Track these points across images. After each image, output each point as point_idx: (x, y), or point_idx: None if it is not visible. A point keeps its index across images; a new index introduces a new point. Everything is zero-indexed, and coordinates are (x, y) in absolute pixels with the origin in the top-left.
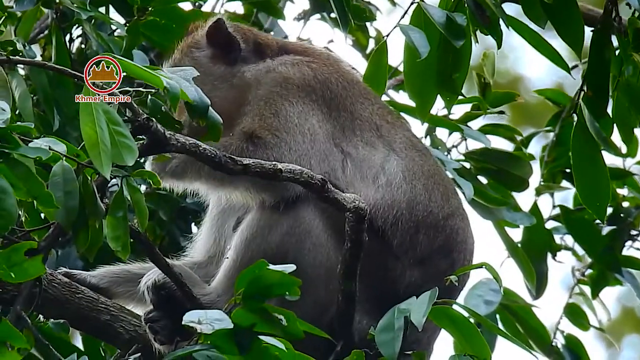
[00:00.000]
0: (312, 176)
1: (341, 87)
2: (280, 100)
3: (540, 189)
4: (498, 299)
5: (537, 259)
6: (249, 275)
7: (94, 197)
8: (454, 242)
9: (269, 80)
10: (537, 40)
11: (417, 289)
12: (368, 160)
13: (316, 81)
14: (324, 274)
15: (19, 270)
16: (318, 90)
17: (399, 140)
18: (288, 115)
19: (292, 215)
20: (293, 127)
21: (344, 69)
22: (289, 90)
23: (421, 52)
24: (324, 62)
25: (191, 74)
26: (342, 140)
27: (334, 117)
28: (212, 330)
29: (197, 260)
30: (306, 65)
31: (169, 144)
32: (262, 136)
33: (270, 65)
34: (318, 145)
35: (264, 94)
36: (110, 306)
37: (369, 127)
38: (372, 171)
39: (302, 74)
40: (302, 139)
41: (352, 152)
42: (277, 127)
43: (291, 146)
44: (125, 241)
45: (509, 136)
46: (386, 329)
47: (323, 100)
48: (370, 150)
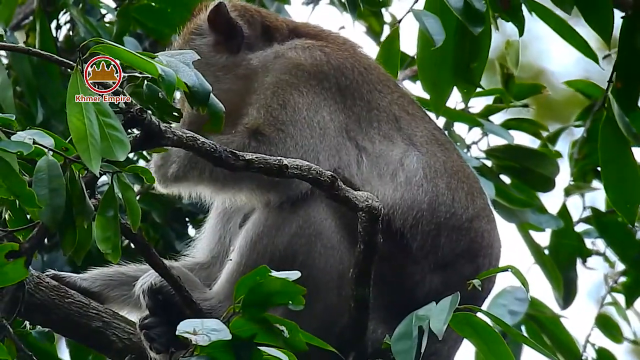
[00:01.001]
0: (321, 172)
1: (357, 73)
2: (289, 90)
3: (569, 189)
4: (524, 308)
5: (566, 266)
6: (249, 282)
7: (82, 195)
8: (479, 246)
9: (277, 67)
10: (563, 28)
11: (438, 296)
12: (385, 156)
13: (329, 66)
14: (335, 278)
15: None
16: (331, 76)
17: (420, 134)
18: (297, 106)
19: (301, 214)
20: (301, 119)
21: (360, 54)
22: (299, 78)
23: (436, 39)
24: (339, 47)
25: (191, 57)
26: (358, 133)
27: (348, 107)
28: (209, 341)
29: (199, 261)
30: (319, 49)
31: (164, 137)
32: (266, 133)
33: (279, 50)
34: (328, 139)
35: (272, 81)
36: (103, 312)
37: (387, 119)
38: (390, 168)
39: (314, 59)
40: (310, 133)
41: (368, 147)
42: (283, 120)
43: (297, 141)
44: (116, 243)
45: (533, 132)
46: (403, 337)
47: (337, 87)
48: (388, 144)
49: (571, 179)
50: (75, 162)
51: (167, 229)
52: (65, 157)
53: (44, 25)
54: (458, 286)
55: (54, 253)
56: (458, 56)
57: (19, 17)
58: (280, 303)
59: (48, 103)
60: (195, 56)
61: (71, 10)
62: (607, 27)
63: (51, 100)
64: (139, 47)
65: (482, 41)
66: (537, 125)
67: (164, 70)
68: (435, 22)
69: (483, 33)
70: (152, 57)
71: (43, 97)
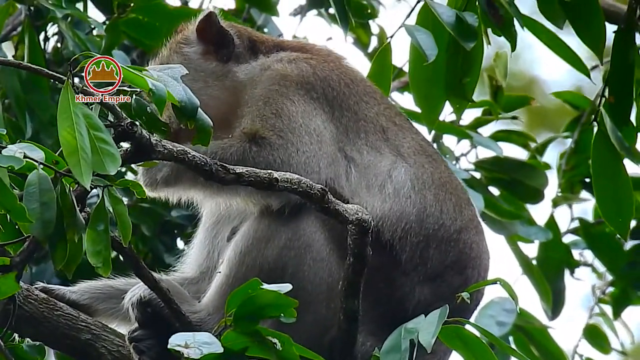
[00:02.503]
0: (311, 186)
1: (343, 84)
2: (280, 99)
3: (557, 200)
4: (511, 319)
5: (554, 277)
6: (241, 295)
7: (72, 209)
8: (468, 257)
9: (265, 79)
10: (554, 42)
11: (427, 308)
12: (374, 167)
13: (316, 78)
14: (325, 291)
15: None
16: (318, 87)
17: (407, 145)
18: (291, 114)
19: (291, 227)
20: (298, 127)
21: (346, 66)
22: (288, 87)
23: (428, 54)
24: (324, 59)
25: (179, 72)
26: (346, 143)
27: (336, 118)
28: (200, 355)
29: (187, 276)
30: (304, 61)
31: (155, 150)
32: (266, 136)
33: (265, 62)
34: (325, 147)
35: (262, 93)
36: (92, 324)
37: (375, 130)
38: (379, 179)
39: (300, 70)
40: (309, 139)
41: (357, 158)
42: (280, 127)
43: (298, 147)
44: (106, 256)
45: (522, 143)
46: (392, 350)
47: (325, 98)
48: (376, 155)
49: (559, 190)
50: (66, 176)
51: (156, 242)
52: (56, 171)
53: (32, 38)
54: (447, 298)
55: (43, 264)
56: (450, 71)
57: (7, 29)
58: (272, 316)
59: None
60: (184, 70)
61: (59, 23)
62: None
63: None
64: (127, 60)
65: (474, 56)
66: (525, 136)
67: (154, 85)
68: (427, 38)
69: (475, 48)
70: (141, 71)
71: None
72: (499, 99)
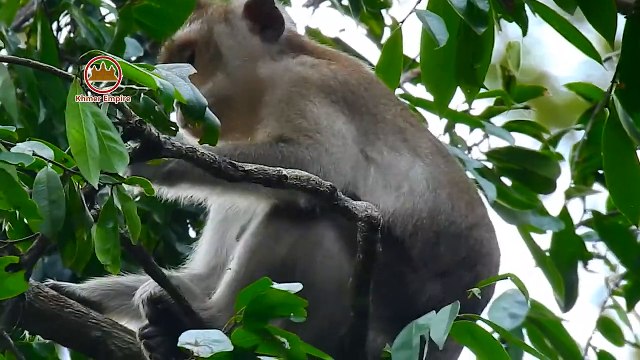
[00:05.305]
0: (320, 183)
1: (363, 88)
2: (302, 101)
3: (570, 192)
4: (524, 312)
5: (567, 269)
6: (250, 294)
7: (81, 207)
8: (478, 254)
9: (285, 80)
10: (566, 29)
11: (438, 304)
12: (393, 167)
13: (336, 82)
14: (335, 288)
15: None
16: (339, 91)
17: (424, 145)
18: (314, 116)
19: (301, 224)
20: (324, 128)
21: (364, 71)
22: (309, 89)
23: (439, 39)
24: (343, 64)
25: (187, 71)
26: (366, 145)
27: (356, 120)
28: (211, 352)
29: (197, 273)
30: (325, 66)
31: (164, 148)
32: (294, 137)
33: (288, 64)
34: (350, 149)
35: (283, 94)
36: (102, 321)
37: (393, 131)
38: (397, 179)
39: (321, 74)
40: (335, 141)
41: (377, 158)
42: (307, 127)
43: (327, 148)
44: (115, 254)
45: (535, 134)
46: (403, 346)
47: (344, 102)
48: (395, 155)
49: (572, 182)
50: (75, 174)
51: (168, 230)
52: (65, 169)
53: (45, 27)
54: (458, 294)
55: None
56: (461, 57)
57: (19, 18)
58: (282, 315)
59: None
60: (192, 70)
61: (72, 11)
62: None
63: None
64: (140, 49)
65: (486, 42)
66: (538, 127)
67: (162, 84)
68: (438, 23)
69: (486, 33)
70: (150, 69)
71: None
72: (511, 89)
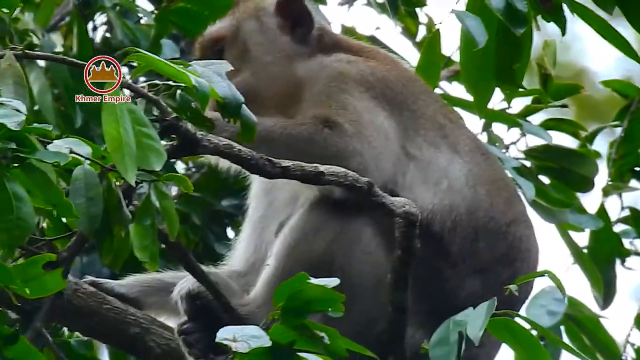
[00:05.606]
0: (357, 179)
1: (401, 85)
2: (342, 95)
3: (607, 189)
4: (562, 309)
5: (605, 266)
6: (288, 289)
7: (119, 204)
8: (517, 250)
9: (324, 76)
10: (604, 28)
11: (476, 300)
12: (433, 163)
13: (374, 78)
14: (372, 284)
15: (37, 285)
16: (377, 87)
17: (463, 142)
18: (356, 109)
19: (339, 220)
20: (366, 122)
21: (402, 68)
22: (348, 83)
23: (478, 40)
24: (381, 61)
25: (224, 67)
26: (406, 140)
27: (396, 116)
28: (249, 348)
29: (236, 269)
30: (363, 63)
31: (201, 145)
32: (339, 122)
33: (323, 61)
34: (391, 145)
35: (322, 89)
36: (141, 318)
37: (433, 127)
38: (437, 175)
39: (359, 70)
40: (378, 135)
41: (417, 154)
42: (351, 118)
43: (370, 141)
44: (153, 251)
45: (572, 132)
46: (441, 342)
47: (384, 97)
48: (435, 152)
49: (609, 179)
50: (112, 171)
51: (207, 231)
52: (102, 166)
53: (81, 28)
54: (496, 290)
55: (94, 255)
56: (500, 57)
57: (55, 19)
58: (320, 310)
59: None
60: (229, 67)
61: (108, 12)
62: None
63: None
64: (176, 50)
65: (524, 42)
66: (575, 125)
67: (197, 81)
68: (477, 23)
69: (525, 34)
70: (185, 67)
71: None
72: (548, 87)
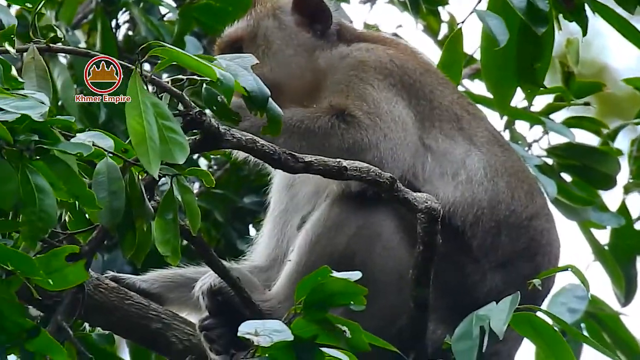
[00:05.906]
0: (379, 174)
1: (419, 73)
2: (362, 84)
3: (629, 187)
4: (583, 306)
5: (626, 263)
6: (310, 283)
7: (141, 198)
8: (539, 244)
9: (344, 65)
10: (626, 28)
11: (498, 295)
12: (449, 155)
13: (393, 65)
14: (394, 279)
15: (59, 277)
16: (396, 74)
17: (481, 134)
18: (375, 100)
19: (361, 215)
20: (384, 112)
21: (420, 57)
22: (367, 72)
23: (500, 39)
24: (401, 50)
25: (250, 61)
26: (422, 131)
27: (413, 105)
28: (271, 342)
29: (257, 264)
30: (382, 50)
31: (224, 139)
32: (355, 115)
33: (344, 51)
34: (409, 136)
35: (342, 78)
36: (162, 313)
37: (449, 118)
38: (453, 167)
39: (378, 57)
40: (395, 126)
41: (433, 145)
42: (368, 110)
43: (386, 133)
44: (175, 245)
45: (594, 130)
46: (463, 337)
47: (402, 85)
48: (450, 143)
49: (630, 177)
50: (135, 165)
51: (229, 228)
52: (125, 160)
53: (104, 25)
54: (518, 285)
55: (115, 252)
56: (521, 56)
57: (78, 16)
58: (342, 304)
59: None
60: (254, 60)
61: (132, 9)
62: None
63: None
64: (199, 47)
65: (546, 41)
66: (598, 123)
67: (222, 75)
68: (499, 23)
69: (546, 33)
70: (210, 61)
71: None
72: (570, 85)
